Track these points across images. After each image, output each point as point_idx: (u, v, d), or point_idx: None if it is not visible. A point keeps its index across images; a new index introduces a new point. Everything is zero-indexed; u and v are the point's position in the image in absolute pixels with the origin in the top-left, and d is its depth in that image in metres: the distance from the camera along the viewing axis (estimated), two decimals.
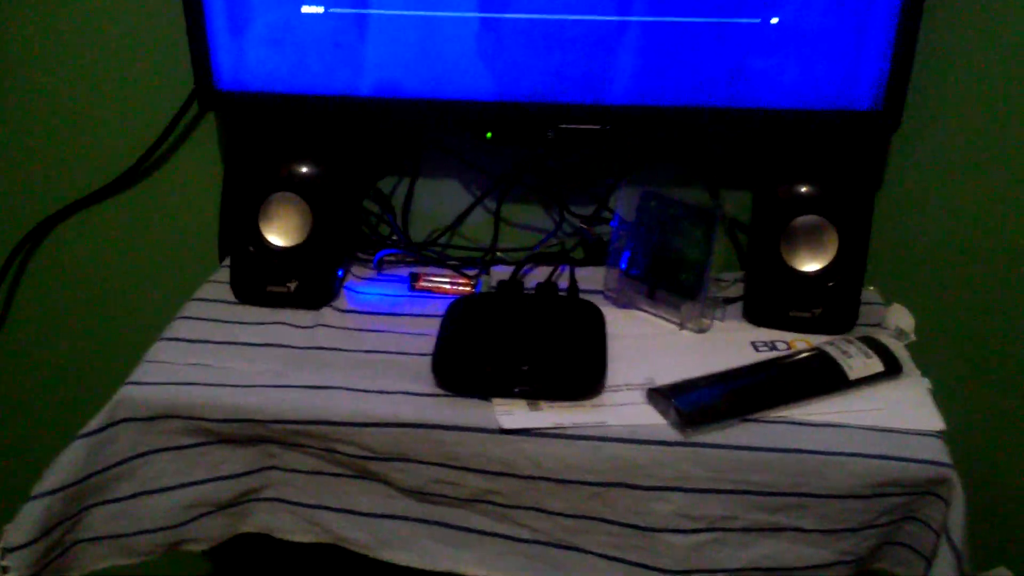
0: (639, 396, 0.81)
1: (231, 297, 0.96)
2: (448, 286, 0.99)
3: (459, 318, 0.88)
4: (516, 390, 0.80)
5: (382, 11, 0.89)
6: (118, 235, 1.15)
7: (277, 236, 0.95)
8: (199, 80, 0.94)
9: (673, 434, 0.76)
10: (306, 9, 0.90)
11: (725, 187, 1.02)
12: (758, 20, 0.86)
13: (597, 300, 0.95)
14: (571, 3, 0.87)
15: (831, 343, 0.86)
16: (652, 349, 0.88)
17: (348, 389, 0.81)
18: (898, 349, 0.86)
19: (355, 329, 0.92)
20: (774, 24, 0.86)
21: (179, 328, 0.91)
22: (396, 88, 0.93)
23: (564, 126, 0.93)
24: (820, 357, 0.84)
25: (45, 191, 1.13)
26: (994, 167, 1.01)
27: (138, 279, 1.17)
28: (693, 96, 0.90)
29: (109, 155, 1.10)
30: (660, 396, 0.79)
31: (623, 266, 0.96)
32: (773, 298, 0.92)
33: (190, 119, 1.07)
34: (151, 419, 0.81)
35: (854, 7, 0.85)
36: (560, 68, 0.91)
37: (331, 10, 0.90)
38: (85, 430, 0.81)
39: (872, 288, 0.99)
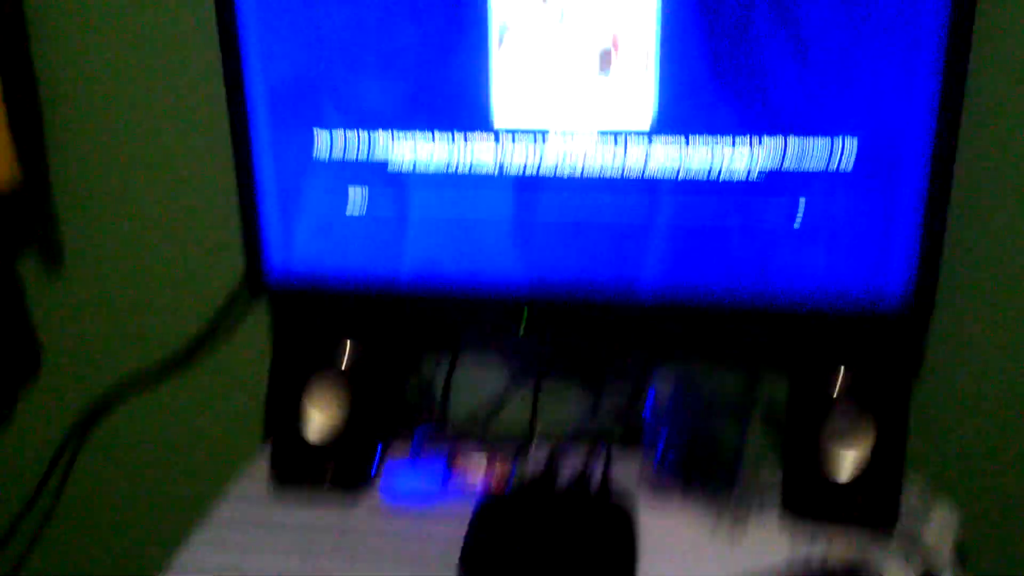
0: None
1: (270, 479, 0.98)
2: (485, 470, 1.00)
3: (489, 516, 0.88)
4: None
5: (422, 210, 0.94)
6: (168, 416, 1.19)
7: (319, 419, 0.97)
8: (250, 269, 1.00)
9: None
10: (351, 208, 0.95)
11: (764, 370, 1.02)
12: (782, 221, 0.89)
13: (630, 490, 0.94)
14: (601, 210, 0.91)
15: (869, 547, 0.83)
16: (686, 548, 0.87)
17: None
18: (939, 552, 0.83)
19: (390, 518, 0.92)
20: (797, 226, 0.88)
21: (214, 518, 0.93)
22: (435, 279, 0.97)
23: (596, 316, 0.95)
24: (859, 565, 0.82)
25: (98, 374, 1.18)
26: None
27: (185, 458, 1.20)
28: (723, 290, 0.92)
29: (161, 337, 1.15)
30: None
31: (658, 455, 0.96)
32: (811, 492, 0.91)
33: (242, 303, 1.12)
34: None
35: (878, 211, 0.87)
36: (592, 264, 0.94)
37: (374, 209, 0.95)
38: None
39: (915, 481, 0.97)
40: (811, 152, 0.86)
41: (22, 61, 1.04)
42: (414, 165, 0.92)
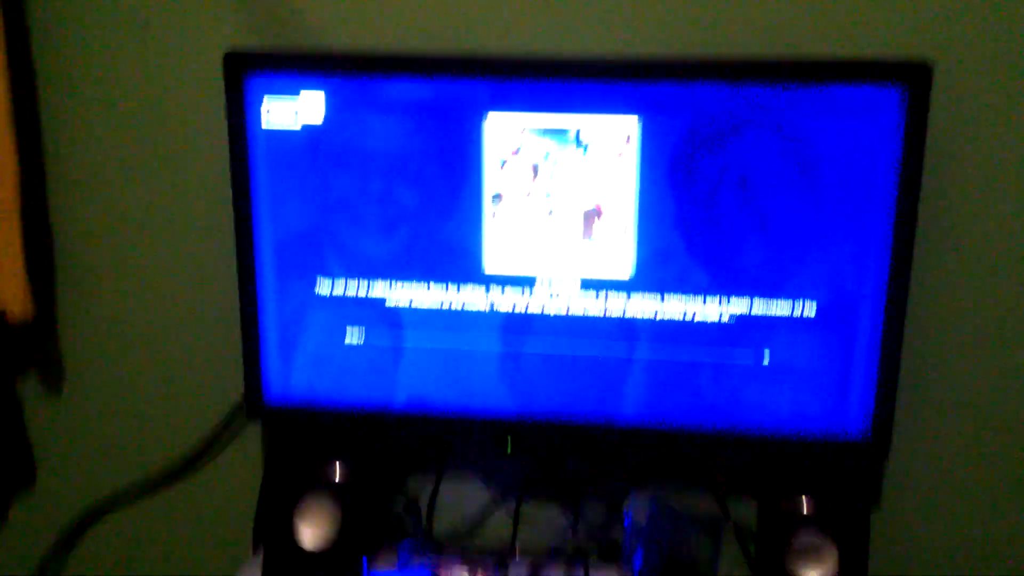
0: None
1: None
2: None
3: None
4: None
5: (416, 344, 1.00)
6: (159, 529, 1.22)
7: (310, 536, 1.02)
8: (249, 393, 1.04)
9: None
10: (348, 341, 1.01)
11: (733, 495, 1.08)
12: (751, 361, 0.96)
13: None
14: (583, 343, 0.98)
15: None
16: None
17: None
18: None
19: None
20: (765, 365, 0.96)
21: None
22: (425, 405, 1.03)
23: (578, 442, 1.01)
24: None
25: (92, 486, 1.20)
26: (986, 487, 1.08)
27: (174, 572, 1.23)
28: (696, 420, 0.99)
29: (156, 454, 1.18)
30: None
31: (636, 568, 1.01)
32: None
33: (237, 423, 1.16)
34: None
35: (839, 352, 0.95)
36: (574, 392, 1.00)
37: (370, 343, 1.01)
38: None
39: None
40: (776, 306, 0.95)
41: (38, 197, 1.10)
42: (410, 303, 0.99)
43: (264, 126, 0.94)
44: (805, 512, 0.98)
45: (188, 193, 1.09)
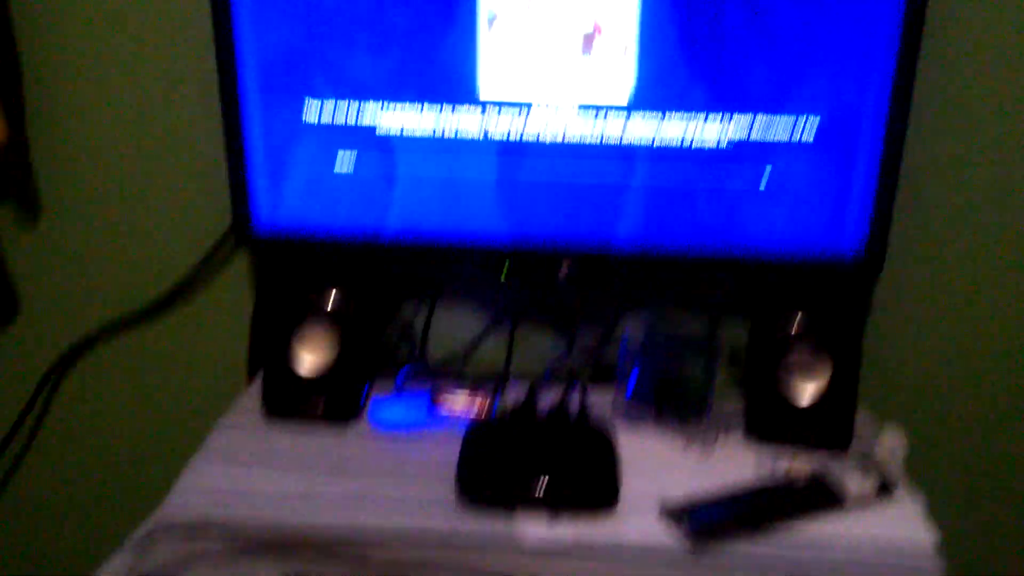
0: (653, 512, 0.86)
1: (262, 416, 1.02)
2: (466, 404, 1.05)
3: (479, 436, 0.94)
4: (536, 501, 0.85)
5: (408, 172, 0.99)
6: (149, 361, 1.20)
7: (308, 359, 1.01)
8: (237, 221, 1.02)
9: (685, 550, 0.82)
10: (338, 169, 0.99)
11: (726, 313, 1.10)
12: (748, 185, 0.96)
13: (606, 419, 1.01)
14: (580, 169, 0.97)
15: (828, 463, 0.92)
16: (661, 467, 0.94)
17: (376, 502, 0.87)
18: (891, 469, 0.91)
19: (380, 445, 0.97)
20: (762, 190, 0.97)
21: (214, 444, 0.96)
22: (419, 233, 1.01)
23: (573, 267, 1.02)
24: (819, 478, 0.90)
25: (77, 317, 1.18)
26: (972, 302, 1.11)
27: (167, 403, 1.22)
28: (692, 244, 1.00)
29: (141, 284, 1.16)
30: (673, 513, 0.84)
31: (630, 388, 1.03)
32: (772, 420, 0.98)
33: (225, 251, 1.14)
34: (190, 533, 0.85)
35: (836, 176, 0.96)
36: (571, 219, 1.00)
37: (361, 171, 0.99)
38: (126, 544, 0.86)
39: (865, 410, 1.05)
40: (777, 126, 0.95)
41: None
42: (402, 130, 0.97)
43: None
44: (799, 328, 0.99)
45: (168, 8, 1.04)
